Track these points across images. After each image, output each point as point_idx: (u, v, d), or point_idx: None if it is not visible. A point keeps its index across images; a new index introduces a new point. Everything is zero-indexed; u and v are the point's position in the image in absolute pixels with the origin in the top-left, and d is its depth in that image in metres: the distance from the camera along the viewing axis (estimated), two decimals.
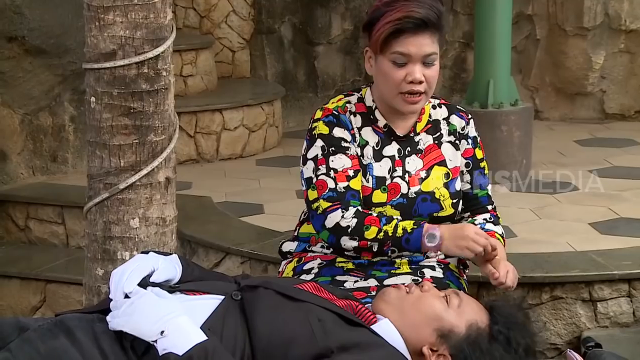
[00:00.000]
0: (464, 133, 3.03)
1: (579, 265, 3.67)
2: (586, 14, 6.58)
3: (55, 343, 2.17)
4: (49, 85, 5.43)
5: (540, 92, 6.92)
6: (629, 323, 3.62)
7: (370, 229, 2.78)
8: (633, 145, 5.98)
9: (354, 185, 2.87)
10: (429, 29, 2.78)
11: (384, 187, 2.92)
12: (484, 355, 2.34)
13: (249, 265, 4.06)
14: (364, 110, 2.96)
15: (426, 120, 3.00)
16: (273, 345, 2.24)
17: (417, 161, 2.96)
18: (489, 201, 3.08)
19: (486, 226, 3.01)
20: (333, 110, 2.94)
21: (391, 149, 2.95)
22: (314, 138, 2.93)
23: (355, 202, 2.85)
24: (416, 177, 2.95)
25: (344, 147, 2.90)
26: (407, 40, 2.78)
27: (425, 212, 2.94)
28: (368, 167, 2.92)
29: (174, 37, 3.07)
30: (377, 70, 2.88)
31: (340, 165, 2.88)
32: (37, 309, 4.88)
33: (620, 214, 4.43)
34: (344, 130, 2.91)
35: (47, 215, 5.16)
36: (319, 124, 2.93)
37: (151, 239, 3.09)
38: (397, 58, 2.80)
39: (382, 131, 2.95)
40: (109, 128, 2.99)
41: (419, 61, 2.80)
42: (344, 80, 7.24)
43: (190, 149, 5.88)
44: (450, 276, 2.97)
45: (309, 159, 2.93)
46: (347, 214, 2.81)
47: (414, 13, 2.75)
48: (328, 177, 2.87)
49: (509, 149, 4.94)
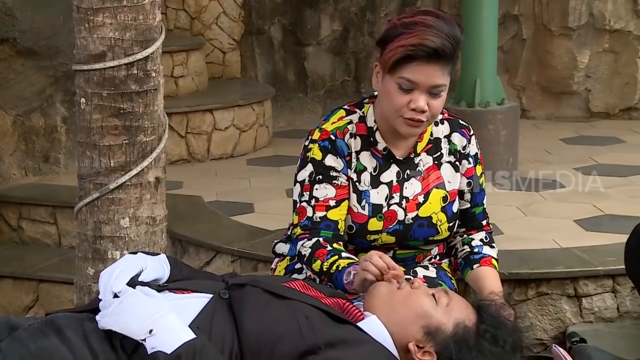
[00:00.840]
0: (465, 153, 2.98)
1: (564, 262, 3.68)
2: (571, 14, 6.61)
3: (46, 342, 2.17)
4: (40, 86, 5.43)
5: (526, 91, 6.95)
6: (613, 318, 3.63)
7: (316, 262, 2.75)
8: (617, 143, 6.00)
9: (332, 216, 2.84)
10: (441, 60, 2.69)
11: (380, 215, 2.88)
12: (470, 352, 2.35)
13: (239, 263, 4.07)
14: (365, 133, 2.89)
15: (427, 139, 2.94)
16: (261, 343, 2.25)
17: (415, 185, 2.92)
18: (484, 216, 3.07)
19: (483, 250, 3.01)
20: (331, 133, 2.88)
21: (389, 175, 2.91)
22: (307, 161, 2.89)
23: (328, 232, 2.82)
24: (414, 203, 2.91)
25: (331, 177, 2.86)
26: (416, 68, 2.69)
27: (420, 237, 2.93)
28: (364, 194, 2.88)
29: (163, 38, 3.07)
30: (383, 88, 2.79)
31: (323, 195, 2.85)
32: (30, 308, 4.88)
33: (604, 211, 4.44)
34: (337, 159, 2.87)
35: (40, 215, 5.16)
36: (314, 146, 2.88)
37: (141, 239, 3.10)
38: (404, 83, 2.71)
39: (381, 155, 2.90)
40: (99, 129, 3.00)
41: (425, 90, 2.72)
42: (334, 81, 7.24)
43: (182, 149, 5.89)
44: (443, 276, 2.98)
45: (298, 181, 2.91)
46: (307, 244, 2.80)
47: (428, 42, 2.66)
48: (308, 205, 2.85)
49: (495, 148, 4.94)
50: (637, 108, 6.73)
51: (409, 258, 2.98)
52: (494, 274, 2.96)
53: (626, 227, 3.54)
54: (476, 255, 2.99)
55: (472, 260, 2.99)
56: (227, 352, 2.23)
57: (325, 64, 7.22)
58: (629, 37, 6.65)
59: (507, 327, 2.45)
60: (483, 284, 2.91)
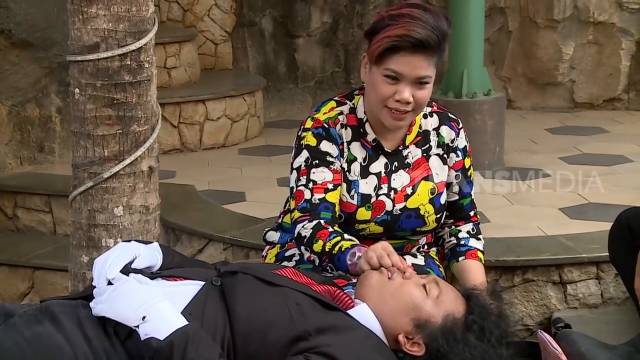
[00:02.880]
0: (453, 146, 2.98)
1: (549, 249, 3.71)
2: (556, 7, 6.65)
3: (40, 328, 2.18)
4: (35, 77, 5.43)
5: (512, 82, 6.98)
6: (597, 304, 3.67)
7: (317, 242, 2.72)
8: (601, 133, 6.05)
9: (330, 198, 2.83)
10: (426, 50, 2.69)
11: (369, 205, 2.89)
12: (457, 345, 2.34)
13: (231, 251, 4.08)
14: (355, 124, 2.90)
15: (416, 131, 2.94)
16: (252, 329, 2.26)
17: (404, 176, 2.93)
18: (472, 207, 3.08)
19: (470, 242, 3.03)
20: (324, 122, 2.88)
21: (378, 165, 2.91)
22: (301, 148, 2.88)
23: (327, 214, 2.81)
24: (402, 194, 2.91)
25: (328, 161, 2.86)
26: (402, 59, 2.70)
27: (408, 227, 2.94)
28: (354, 183, 2.89)
29: (156, 29, 3.07)
30: (370, 79, 2.80)
31: (321, 178, 2.84)
32: (25, 295, 4.88)
33: (589, 200, 4.47)
34: (331, 145, 2.87)
35: (35, 204, 5.17)
36: (307, 134, 2.88)
37: (135, 227, 3.10)
38: (389, 75, 2.72)
39: (371, 146, 2.90)
40: (92, 119, 3.00)
41: (410, 82, 2.72)
42: (324, 72, 7.26)
43: (174, 139, 5.91)
44: (431, 264, 3.00)
45: (294, 168, 2.89)
46: (308, 225, 2.77)
47: (414, 33, 2.67)
48: (306, 189, 2.83)
49: (482, 137, 4.96)
50: (621, 99, 6.77)
51: (397, 248, 2.92)
52: (479, 267, 2.98)
53: (610, 215, 3.56)
54: (462, 248, 3.02)
55: (458, 252, 3.02)
56: (219, 338, 2.24)
57: (316, 56, 7.23)
58: (612, 29, 6.68)
59: (494, 318, 2.44)
60: (467, 276, 2.94)
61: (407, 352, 2.41)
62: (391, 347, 2.41)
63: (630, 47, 6.69)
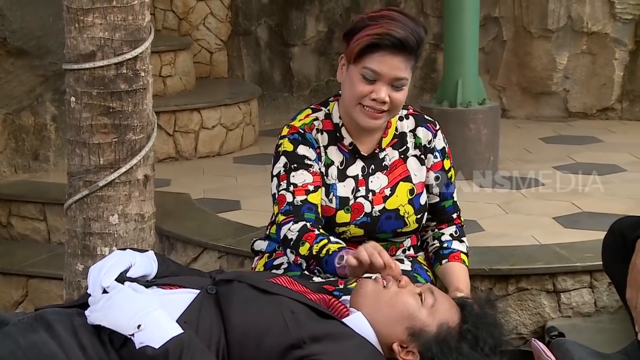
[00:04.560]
0: (431, 147, 2.98)
1: (543, 258, 3.72)
2: (550, 17, 6.68)
3: (35, 337, 2.17)
4: (30, 85, 5.43)
5: (506, 91, 7.00)
6: (590, 313, 3.68)
7: (304, 245, 2.69)
8: (594, 142, 6.07)
9: (312, 199, 2.82)
10: (405, 51, 2.73)
11: (348, 208, 2.89)
12: (451, 353, 2.34)
13: (226, 260, 4.08)
14: (331, 128, 2.92)
15: (392, 134, 2.95)
16: (247, 337, 2.26)
17: (381, 178, 2.93)
18: (454, 209, 3.07)
19: (452, 245, 3.02)
20: (299, 128, 2.90)
21: (355, 169, 2.92)
22: (279, 155, 2.89)
23: (311, 214, 2.80)
24: (380, 195, 2.91)
25: (306, 164, 2.86)
26: (380, 59, 2.73)
27: (388, 229, 2.93)
28: (332, 187, 2.89)
29: (152, 38, 3.09)
30: (346, 78, 2.82)
31: (301, 181, 2.83)
32: (20, 303, 4.86)
33: (582, 209, 4.48)
34: (308, 149, 2.88)
35: (29, 212, 5.16)
36: (284, 141, 2.90)
37: (130, 235, 3.11)
38: (367, 74, 2.74)
39: (347, 150, 2.92)
40: (88, 127, 3.01)
41: (387, 82, 2.75)
42: (319, 80, 7.28)
43: (169, 147, 5.91)
44: (418, 269, 2.99)
45: (274, 175, 2.89)
46: (294, 227, 2.75)
47: (394, 32, 2.70)
48: (287, 192, 2.82)
49: (477, 147, 4.98)
50: (614, 108, 6.78)
51: None
52: (462, 269, 2.97)
53: (603, 224, 3.56)
54: (445, 251, 3.02)
55: (441, 255, 3.02)
56: (214, 346, 2.24)
57: (311, 64, 7.25)
58: (606, 39, 6.71)
59: (489, 327, 2.45)
60: (450, 279, 2.94)
61: None
62: (386, 355, 2.41)
63: (624, 57, 6.71)
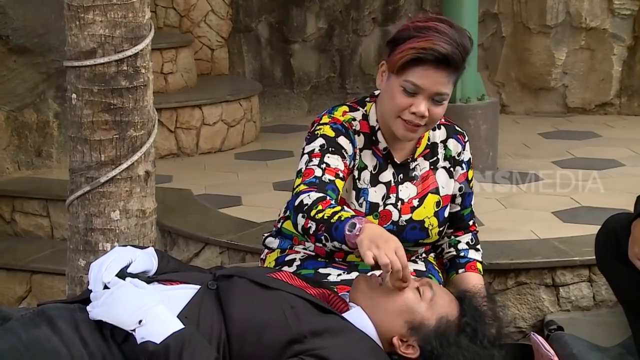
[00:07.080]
0: (460, 159, 2.95)
1: (542, 252, 3.73)
2: (549, 13, 6.68)
3: (37, 332, 2.18)
4: (33, 82, 5.45)
5: (505, 87, 7.01)
6: (589, 307, 3.70)
7: (317, 207, 2.55)
8: (593, 137, 6.08)
9: (338, 184, 2.72)
10: (449, 67, 2.65)
11: (377, 214, 2.85)
12: (450, 346, 2.35)
13: (227, 255, 4.10)
14: (367, 131, 2.84)
15: (425, 144, 2.90)
16: (247, 332, 2.26)
17: (411, 188, 2.89)
18: (471, 217, 3.05)
19: (469, 254, 3.01)
20: (343, 121, 2.82)
21: (387, 175, 2.87)
22: (316, 136, 2.79)
23: (333, 194, 2.68)
24: (409, 205, 2.87)
25: (342, 154, 2.77)
26: (423, 73, 2.65)
27: (412, 239, 2.90)
28: (363, 191, 2.84)
29: (153, 35, 3.08)
30: (386, 87, 2.74)
31: (335, 164, 2.73)
32: (23, 299, 4.90)
33: (581, 203, 4.50)
34: (348, 143, 2.80)
35: (33, 208, 5.20)
36: (325, 127, 2.81)
37: (131, 231, 3.10)
38: (408, 86, 2.66)
39: (381, 154, 2.86)
40: (89, 124, 3.01)
41: (428, 96, 2.67)
42: (319, 77, 7.28)
43: (171, 144, 5.93)
44: (431, 269, 2.99)
45: (305, 153, 2.79)
46: (313, 195, 2.62)
47: (439, 47, 2.61)
48: (318, 168, 2.71)
49: (476, 142, 4.85)
50: (613, 103, 6.80)
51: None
52: (479, 279, 2.97)
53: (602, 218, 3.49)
54: (462, 260, 3.01)
55: (457, 264, 3.01)
56: (214, 341, 2.25)
57: (311, 61, 7.25)
58: (604, 34, 6.71)
59: (487, 321, 2.45)
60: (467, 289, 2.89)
61: (401, 354, 2.42)
62: (385, 349, 2.42)
63: (622, 53, 6.72)
